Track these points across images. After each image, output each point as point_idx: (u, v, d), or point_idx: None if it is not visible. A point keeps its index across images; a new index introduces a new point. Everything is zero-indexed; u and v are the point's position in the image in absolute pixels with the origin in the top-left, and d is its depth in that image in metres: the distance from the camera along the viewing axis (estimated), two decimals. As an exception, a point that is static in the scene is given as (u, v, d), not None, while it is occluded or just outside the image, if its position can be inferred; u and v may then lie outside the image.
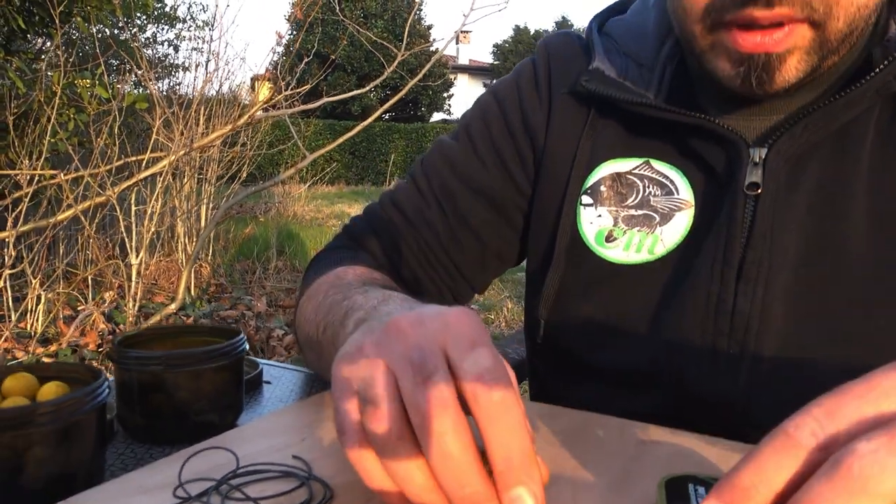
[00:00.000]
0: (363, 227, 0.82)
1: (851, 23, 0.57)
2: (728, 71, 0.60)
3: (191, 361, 0.58)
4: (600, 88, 0.69)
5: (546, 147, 0.75)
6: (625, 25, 0.76)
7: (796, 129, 0.62)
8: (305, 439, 0.57)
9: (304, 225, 7.96)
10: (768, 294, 0.62)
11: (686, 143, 0.67)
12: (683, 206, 0.67)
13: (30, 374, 0.52)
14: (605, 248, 0.70)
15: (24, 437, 0.46)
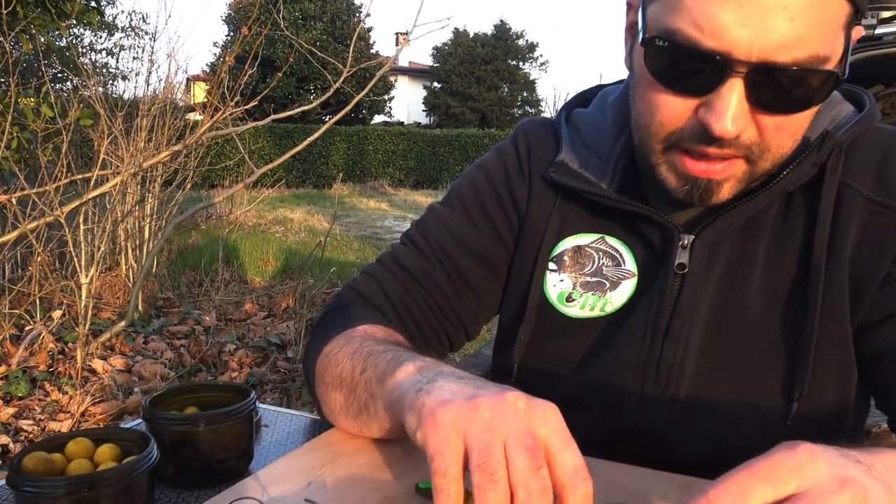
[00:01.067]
0: (370, 288, 0.90)
1: (775, 164, 0.72)
2: (675, 185, 0.73)
3: (214, 421, 0.69)
4: (565, 180, 0.84)
5: (526, 218, 0.89)
6: (587, 119, 0.90)
7: (717, 222, 0.77)
8: (311, 483, 0.69)
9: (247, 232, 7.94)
10: (686, 351, 0.77)
11: (633, 224, 0.83)
12: (628, 276, 0.83)
13: (87, 439, 0.63)
14: (566, 307, 0.85)
15: (92, 498, 0.57)
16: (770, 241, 0.78)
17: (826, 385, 0.76)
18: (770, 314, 0.77)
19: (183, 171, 5.21)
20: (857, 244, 0.75)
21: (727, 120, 0.64)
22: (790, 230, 0.78)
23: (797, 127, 0.69)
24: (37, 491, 0.56)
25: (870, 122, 0.78)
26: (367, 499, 0.66)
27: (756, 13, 0.61)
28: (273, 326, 4.15)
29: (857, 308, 0.76)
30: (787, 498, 0.44)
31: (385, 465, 0.73)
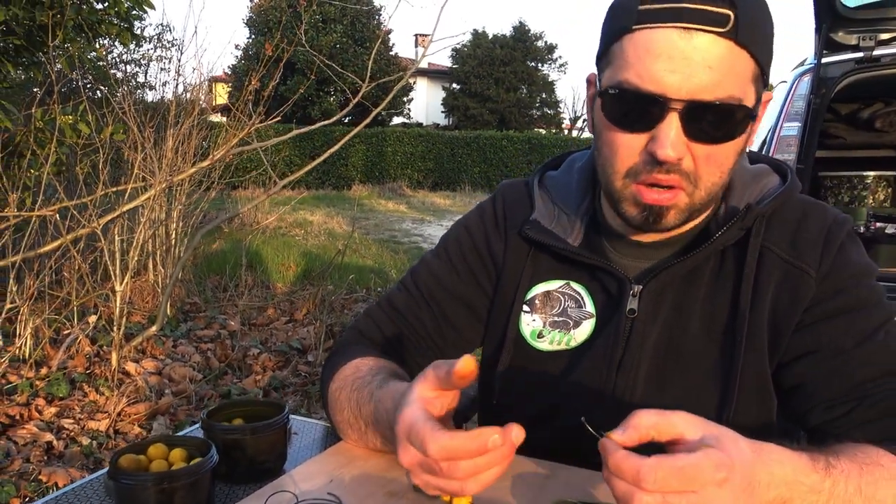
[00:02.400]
0: (368, 326, 1.11)
1: (709, 193, 0.90)
2: (634, 213, 0.91)
3: (258, 430, 0.89)
4: (537, 236, 1.03)
5: (503, 268, 1.08)
6: (557, 182, 1.08)
7: (661, 275, 0.96)
8: (332, 480, 0.88)
9: (268, 235, 8.18)
10: (635, 380, 0.96)
11: (593, 274, 1.02)
12: (588, 317, 1.01)
13: (162, 444, 0.83)
14: (537, 342, 1.03)
15: (170, 489, 0.76)
16: (707, 291, 0.96)
17: (748, 409, 0.93)
18: (705, 351, 0.94)
19: (208, 179, 5.44)
20: (776, 296, 0.93)
21: (668, 147, 0.82)
22: (723, 283, 0.96)
23: (723, 160, 0.87)
24: (131, 483, 0.75)
25: (790, 194, 0.96)
26: (375, 493, 0.85)
27: (682, 63, 0.80)
28: (294, 331, 4.36)
29: (776, 349, 0.93)
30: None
31: (390, 467, 0.92)
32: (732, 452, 0.63)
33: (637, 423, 0.65)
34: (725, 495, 0.61)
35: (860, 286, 0.92)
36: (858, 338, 0.89)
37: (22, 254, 3.45)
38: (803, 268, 0.92)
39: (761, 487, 0.66)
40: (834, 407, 0.89)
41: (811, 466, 0.71)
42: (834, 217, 0.96)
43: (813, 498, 0.71)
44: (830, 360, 0.89)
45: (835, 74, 3.49)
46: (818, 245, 0.93)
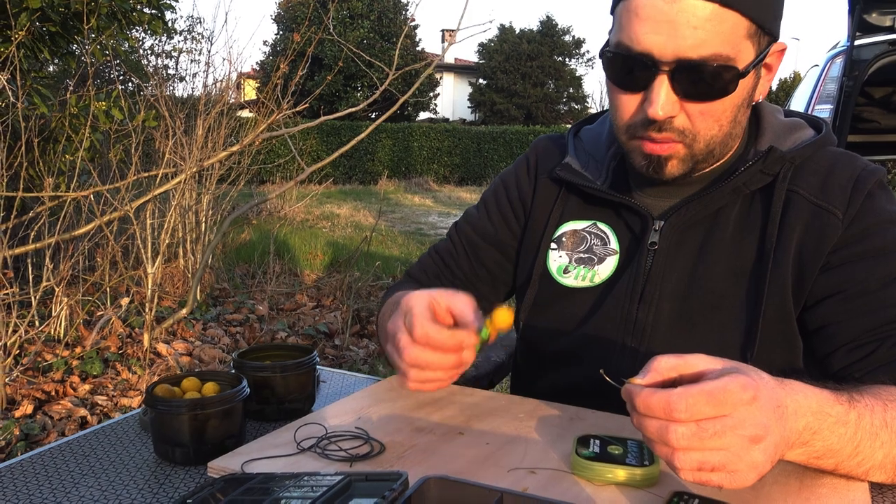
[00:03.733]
0: (416, 269, 1.23)
1: (708, 145, 0.92)
2: (640, 163, 0.95)
3: (286, 369, 0.91)
4: (568, 177, 1.07)
5: (532, 209, 1.13)
6: (590, 133, 1.14)
7: (682, 211, 0.98)
8: (360, 418, 0.90)
9: (296, 227, 8.26)
10: (659, 314, 0.97)
11: (619, 213, 1.05)
12: (612, 254, 1.04)
13: (196, 378, 0.85)
14: (563, 277, 1.06)
15: (203, 416, 0.78)
16: (734, 232, 0.97)
17: (772, 350, 0.94)
18: (731, 290, 0.95)
19: (237, 168, 5.52)
20: (802, 239, 0.93)
21: (658, 107, 0.86)
22: (751, 224, 0.97)
23: (719, 114, 0.89)
24: (166, 409, 0.78)
25: (822, 145, 0.97)
26: (403, 429, 0.86)
27: (667, 26, 0.83)
28: (321, 316, 4.40)
29: (801, 291, 0.94)
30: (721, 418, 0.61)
31: (417, 407, 0.94)
32: (755, 377, 0.64)
33: (657, 367, 0.65)
34: (757, 414, 0.61)
35: (888, 231, 0.91)
36: (884, 280, 0.89)
37: (57, 236, 3.52)
38: (830, 209, 0.92)
39: (789, 413, 0.66)
40: (857, 348, 0.89)
41: (835, 399, 0.71)
42: (865, 165, 0.96)
43: (840, 430, 0.71)
44: (854, 300, 0.90)
45: (868, 56, 3.43)
46: (847, 189, 0.93)
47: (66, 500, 0.72)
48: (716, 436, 0.60)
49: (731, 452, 0.61)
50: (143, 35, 6.30)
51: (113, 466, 0.79)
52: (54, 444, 0.85)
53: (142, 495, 0.73)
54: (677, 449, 0.61)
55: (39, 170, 3.73)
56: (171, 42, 7.09)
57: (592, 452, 0.75)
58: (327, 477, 0.66)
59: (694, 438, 0.60)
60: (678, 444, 0.61)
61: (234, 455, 0.78)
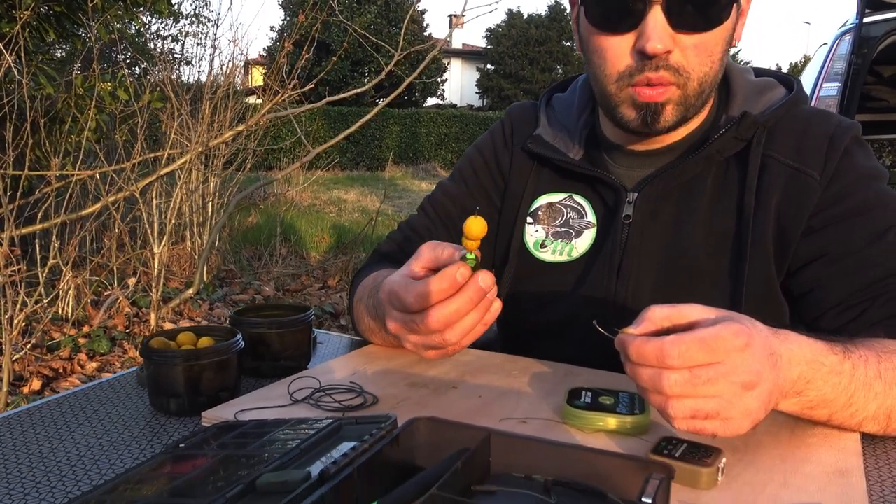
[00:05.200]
0: (389, 246, 1.16)
1: (701, 84, 0.90)
2: (632, 116, 0.92)
3: (282, 326, 0.92)
4: (539, 150, 1.05)
5: (508, 181, 1.11)
6: (561, 101, 1.11)
7: (655, 182, 0.96)
8: (355, 373, 0.90)
9: (302, 211, 8.26)
10: (638, 287, 0.96)
11: (593, 186, 1.03)
12: (589, 227, 1.03)
13: (191, 332, 0.86)
14: (540, 252, 1.05)
15: (198, 367, 0.79)
16: (711, 201, 0.96)
17: (757, 317, 0.93)
18: (711, 260, 0.94)
19: (244, 151, 5.52)
20: (780, 204, 0.92)
21: (656, 39, 0.84)
22: (727, 192, 0.95)
23: (712, 48, 0.87)
24: (162, 359, 0.79)
25: (794, 104, 0.95)
26: (397, 384, 0.87)
27: None
28: (327, 297, 4.42)
29: (784, 257, 0.92)
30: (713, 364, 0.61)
31: (411, 364, 0.94)
32: (748, 324, 0.64)
33: (651, 317, 0.65)
34: (750, 360, 0.61)
35: (868, 189, 0.90)
36: (868, 239, 0.87)
37: (64, 215, 3.54)
38: (807, 171, 0.91)
39: (783, 362, 0.66)
40: (847, 310, 0.88)
41: (829, 349, 0.71)
42: (839, 122, 0.94)
43: (835, 379, 0.70)
44: (839, 262, 0.88)
45: (877, 34, 3.39)
46: (822, 149, 0.91)
47: (61, 447, 0.73)
48: (709, 383, 0.60)
49: (725, 399, 0.60)
50: (150, 18, 6.31)
51: (109, 417, 0.80)
52: (51, 398, 0.86)
53: (136, 443, 0.74)
54: (670, 397, 0.61)
55: (46, 150, 3.74)
56: (176, 26, 7.08)
57: (584, 403, 0.75)
58: (318, 422, 0.67)
59: (687, 385, 0.60)
60: (671, 392, 0.60)
61: (227, 406, 0.78)
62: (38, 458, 0.70)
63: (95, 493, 0.59)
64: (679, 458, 0.63)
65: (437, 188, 1.17)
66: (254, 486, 0.55)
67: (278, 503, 0.50)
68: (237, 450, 0.64)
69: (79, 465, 0.68)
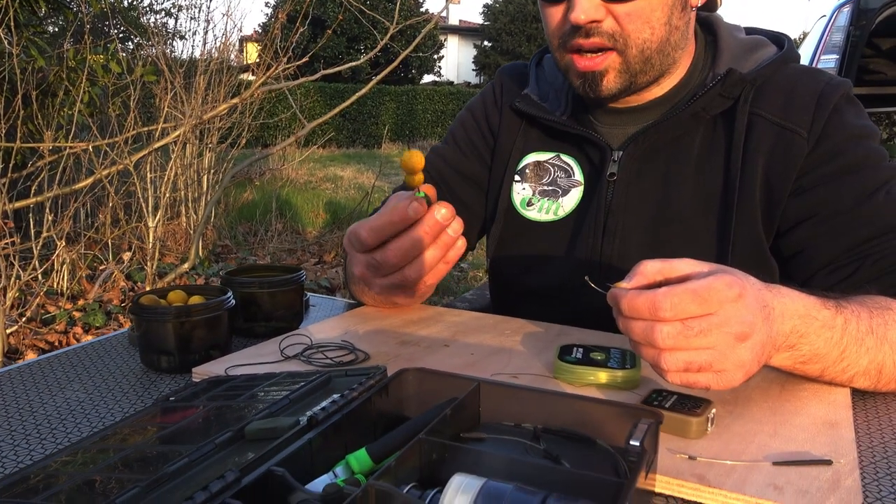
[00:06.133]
0: None
1: (643, 52, 0.89)
2: (576, 83, 0.93)
3: (273, 285, 0.91)
4: (527, 109, 1.05)
5: (498, 140, 1.10)
6: (551, 62, 1.10)
7: (640, 140, 0.96)
8: (346, 332, 0.90)
9: (298, 188, 8.23)
10: (625, 245, 0.96)
11: (580, 145, 1.03)
12: (576, 185, 1.02)
13: (182, 291, 0.86)
14: (527, 210, 1.05)
15: (189, 323, 0.79)
16: (699, 160, 0.95)
17: None
18: (699, 219, 0.94)
19: (238, 126, 5.48)
20: (768, 163, 0.91)
21: (579, 11, 0.85)
22: (715, 151, 0.95)
23: (648, 14, 0.87)
24: (152, 316, 0.78)
25: (783, 62, 0.94)
26: (388, 342, 0.87)
27: None
28: (323, 272, 4.41)
29: (772, 217, 0.91)
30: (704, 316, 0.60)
31: (403, 325, 0.94)
32: (741, 276, 0.63)
33: (643, 271, 0.64)
34: (743, 311, 0.60)
35: (858, 147, 0.89)
36: (858, 198, 0.87)
37: (58, 189, 3.52)
38: (794, 129, 0.90)
39: (776, 315, 0.66)
40: (836, 270, 0.87)
41: (822, 304, 0.71)
42: (829, 79, 0.93)
43: (827, 334, 0.70)
44: (829, 221, 0.88)
45: (875, 5, 3.36)
46: (810, 107, 0.90)
47: (52, 402, 0.72)
48: (701, 334, 0.59)
49: (718, 351, 0.60)
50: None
51: (100, 374, 0.80)
52: (42, 357, 0.86)
53: (127, 398, 0.73)
54: (663, 349, 0.60)
55: (38, 124, 3.71)
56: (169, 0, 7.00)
57: (574, 358, 0.75)
58: (308, 376, 0.67)
59: (679, 337, 0.60)
60: (664, 344, 0.60)
61: (218, 362, 0.78)
62: (29, 413, 0.70)
63: (85, 442, 0.59)
64: (669, 408, 0.63)
65: (431, 151, 1.16)
66: (243, 433, 0.55)
67: (267, 448, 0.50)
68: (227, 401, 0.64)
69: (69, 419, 0.68)
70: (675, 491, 0.55)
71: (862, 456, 0.62)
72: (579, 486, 0.46)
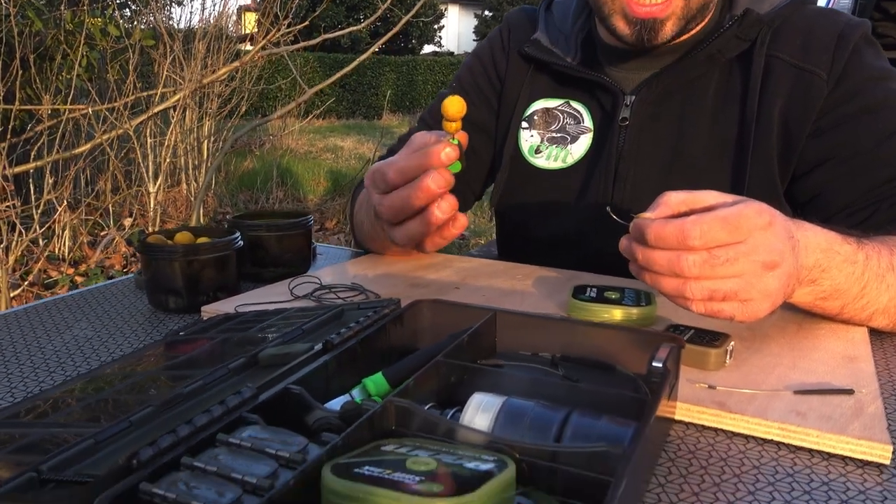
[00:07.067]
0: (387, 157, 1.12)
1: None
2: (624, 30, 0.89)
3: (281, 228, 0.90)
4: (536, 54, 1.02)
5: (504, 86, 1.08)
6: (560, 6, 1.08)
7: (653, 84, 0.93)
8: (356, 277, 0.89)
9: (299, 157, 8.17)
10: (636, 192, 0.93)
11: (591, 91, 1.00)
12: (586, 132, 1.00)
13: (189, 232, 0.84)
14: (534, 158, 1.03)
15: (197, 263, 0.78)
16: (714, 104, 0.93)
17: None
18: (714, 164, 0.92)
19: (238, 93, 5.43)
20: (786, 106, 0.89)
21: None
22: (731, 95, 0.92)
23: None
24: (160, 255, 0.77)
25: (800, 3, 0.92)
26: (398, 285, 0.86)
27: None
28: (325, 238, 4.40)
29: (788, 160, 0.90)
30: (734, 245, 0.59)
31: (413, 269, 0.93)
32: (768, 207, 0.62)
33: (667, 201, 0.62)
34: (772, 239, 0.59)
35: (878, 88, 0.87)
36: (878, 138, 0.85)
37: (57, 154, 3.50)
38: (813, 70, 0.88)
39: (800, 247, 0.64)
40: (854, 213, 0.86)
41: (843, 239, 0.70)
42: (848, 20, 0.91)
43: (849, 269, 0.69)
44: (848, 163, 0.86)
45: (885, -32, 3.30)
46: (829, 47, 0.88)
47: (59, 339, 0.72)
48: (728, 262, 0.58)
49: (744, 280, 0.58)
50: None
51: (107, 314, 0.79)
52: (49, 300, 0.85)
53: (135, 335, 0.73)
54: (689, 278, 0.59)
55: (36, 88, 3.68)
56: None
57: (589, 297, 0.74)
58: (320, 310, 0.66)
59: (706, 266, 0.58)
60: (690, 273, 0.58)
61: (227, 301, 0.77)
62: (37, 349, 0.69)
63: (95, 371, 0.58)
64: (687, 341, 0.62)
65: (437, 99, 1.13)
66: (256, 360, 0.54)
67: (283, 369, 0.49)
68: (239, 333, 0.63)
69: (77, 354, 0.68)
70: (696, 418, 0.54)
71: (883, 389, 0.61)
72: (602, 404, 0.45)
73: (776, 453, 0.50)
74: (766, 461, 0.49)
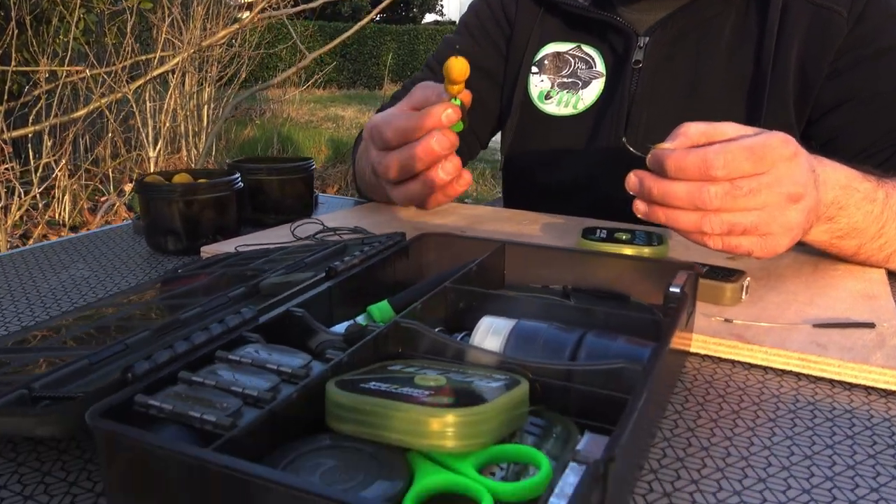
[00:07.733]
0: (391, 104, 1.08)
1: None
2: None
3: (281, 172, 0.88)
4: None
5: (513, 30, 1.04)
6: None
7: (668, 24, 0.90)
8: (360, 222, 0.87)
9: (300, 126, 8.11)
10: (649, 138, 0.90)
11: (603, 34, 0.97)
12: (598, 76, 0.97)
13: (188, 174, 0.82)
14: (544, 104, 1.00)
15: (198, 203, 0.76)
16: (729, 45, 0.90)
17: None
18: (730, 107, 0.89)
19: (237, 60, 5.36)
20: (803, 46, 0.86)
21: None
22: (747, 35, 0.89)
23: None
24: (159, 194, 0.75)
25: None
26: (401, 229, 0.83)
27: None
28: (326, 205, 4.38)
29: (805, 103, 0.87)
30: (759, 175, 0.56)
31: (416, 214, 0.91)
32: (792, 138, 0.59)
33: (686, 132, 0.59)
34: (797, 171, 0.56)
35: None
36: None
37: (55, 118, 3.46)
38: (833, 8, 0.85)
39: (820, 182, 0.62)
40: (870, 157, 0.83)
41: (863, 177, 0.67)
42: None
43: (867, 207, 0.67)
44: (867, 105, 0.84)
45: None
46: None
47: (56, 278, 0.70)
48: (750, 194, 0.55)
49: (766, 212, 0.56)
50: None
51: (104, 256, 0.77)
52: (46, 243, 0.83)
53: (133, 274, 0.71)
54: (708, 211, 0.56)
55: (34, 51, 3.62)
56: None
57: (599, 237, 0.72)
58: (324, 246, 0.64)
59: (727, 198, 0.55)
60: (711, 205, 0.55)
61: (227, 242, 0.75)
62: (32, 287, 0.67)
63: (92, 305, 0.56)
64: (702, 276, 0.60)
65: (443, 44, 1.10)
66: (257, 289, 0.52)
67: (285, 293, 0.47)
68: (239, 267, 0.61)
69: (73, 292, 0.66)
70: (712, 350, 0.53)
71: (902, 326, 0.59)
72: (618, 328, 0.43)
73: (796, 383, 0.49)
74: (785, 391, 0.48)
